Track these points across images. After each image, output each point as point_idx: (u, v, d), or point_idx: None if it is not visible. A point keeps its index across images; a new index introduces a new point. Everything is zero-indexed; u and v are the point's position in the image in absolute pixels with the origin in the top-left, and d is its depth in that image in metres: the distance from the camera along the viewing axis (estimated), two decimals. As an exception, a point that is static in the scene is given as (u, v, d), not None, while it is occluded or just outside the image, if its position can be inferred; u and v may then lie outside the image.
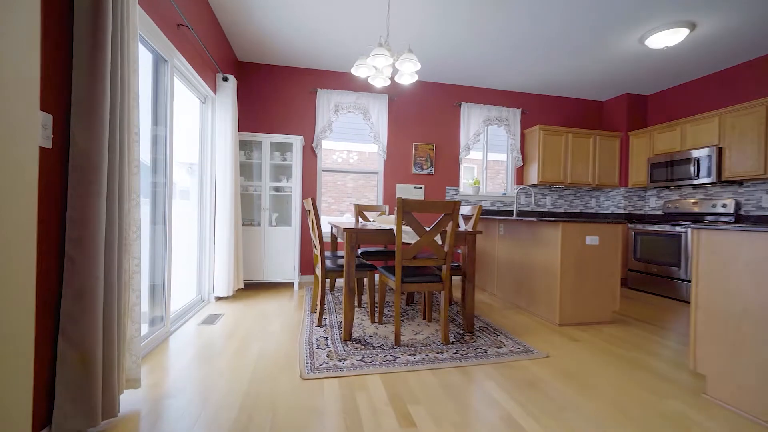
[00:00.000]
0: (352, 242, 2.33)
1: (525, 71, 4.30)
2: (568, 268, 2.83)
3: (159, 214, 2.34)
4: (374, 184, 4.61)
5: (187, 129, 3.18)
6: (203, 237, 3.24)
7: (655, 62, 3.94)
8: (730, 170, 3.68)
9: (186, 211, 3.22)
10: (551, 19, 3.16)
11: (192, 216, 3.23)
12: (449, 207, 2.27)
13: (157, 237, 2.34)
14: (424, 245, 2.28)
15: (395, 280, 2.28)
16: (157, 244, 2.34)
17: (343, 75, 4.37)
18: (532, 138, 4.81)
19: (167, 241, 2.35)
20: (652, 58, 3.84)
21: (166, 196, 2.35)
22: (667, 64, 3.97)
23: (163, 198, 2.35)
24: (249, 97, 4.13)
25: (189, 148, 3.25)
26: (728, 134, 3.70)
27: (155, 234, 2.33)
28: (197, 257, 3.22)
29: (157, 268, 2.35)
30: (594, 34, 3.39)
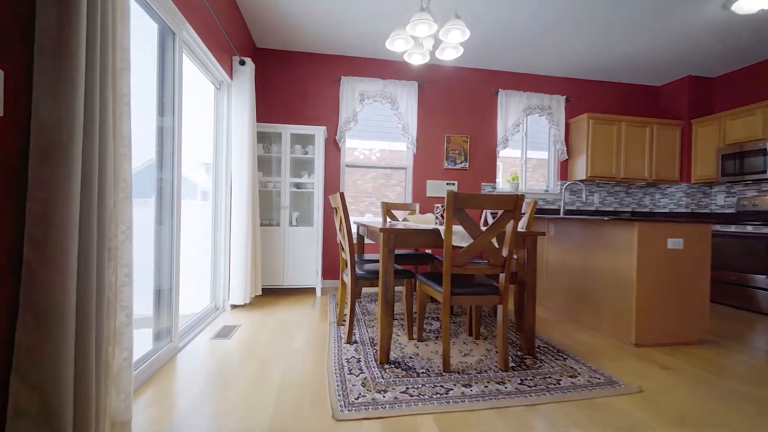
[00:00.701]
0: (389, 244, 1.93)
1: (571, 53, 3.80)
2: (646, 276, 2.34)
3: (165, 214, 2.02)
4: (395, 183, 4.20)
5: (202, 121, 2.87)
6: (218, 239, 2.93)
7: (737, 34, 3.35)
8: (832, 160, 3.08)
9: (201, 212, 2.91)
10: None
11: (206, 216, 2.92)
12: (510, 202, 1.84)
13: (164, 239, 2.02)
14: (479, 249, 1.86)
15: (442, 292, 1.87)
16: (163, 247, 2.01)
17: (369, 61, 4.00)
18: (578, 128, 4.29)
19: (174, 244, 2.02)
20: (735, 29, 3.26)
21: (174, 194, 2.03)
22: (753, 35, 3.38)
23: (170, 195, 2.02)
24: (267, 85, 3.81)
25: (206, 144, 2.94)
26: (830, 117, 3.10)
27: (161, 236, 2.01)
28: (211, 261, 2.91)
29: (164, 274, 2.02)
30: (661, 2, 2.88)
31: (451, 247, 1.84)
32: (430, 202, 4.14)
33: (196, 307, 2.69)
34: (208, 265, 2.91)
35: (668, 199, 4.55)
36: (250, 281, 2.98)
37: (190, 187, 2.82)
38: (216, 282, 2.92)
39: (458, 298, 1.90)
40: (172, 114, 2.02)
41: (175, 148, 2.03)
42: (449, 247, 1.83)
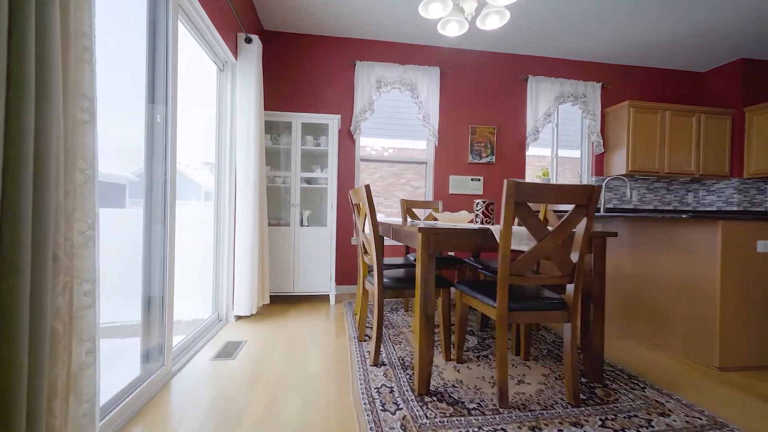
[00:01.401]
0: (430, 248, 1.56)
1: (609, 34, 3.40)
2: (732, 286, 1.95)
3: (156, 213, 1.67)
4: (404, 182, 3.83)
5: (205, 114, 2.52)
6: (221, 241, 2.58)
7: None
8: None
9: (204, 213, 2.56)
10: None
11: (208, 217, 2.57)
12: (584, 194, 1.46)
13: (155, 243, 1.67)
14: (544, 254, 1.49)
15: (497, 307, 1.49)
16: (154, 252, 1.66)
17: (387, 45, 3.63)
18: (616, 118, 3.89)
19: (168, 249, 1.67)
20: None
21: (166, 191, 1.68)
22: None
23: (162, 192, 1.67)
24: (275, 71, 3.46)
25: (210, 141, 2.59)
26: None
27: (152, 239, 1.66)
28: (213, 267, 2.56)
29: (154, 284, 1.67)
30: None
31: (510, 251, 1.47)
32: (453, 200, 3.76)
33: (196, 318, 2.34)
34: (210, 272, 2.56)
35: (715, 196, 4.12)
36: (256, 289, 2.62)
37: (192, 188, 2.48)
38: (219, 290, 2.57)
39: (517, 314, 1.52)
40: (164, 92, 1.68)
41: (168, 138, 1.68)
42: (507, 251, 1.45)
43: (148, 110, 1.63)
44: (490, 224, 1.99)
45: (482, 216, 2.04)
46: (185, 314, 2.29)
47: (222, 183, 2.59)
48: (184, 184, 2.35)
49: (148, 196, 1.63)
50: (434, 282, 1.59)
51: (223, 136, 2.60)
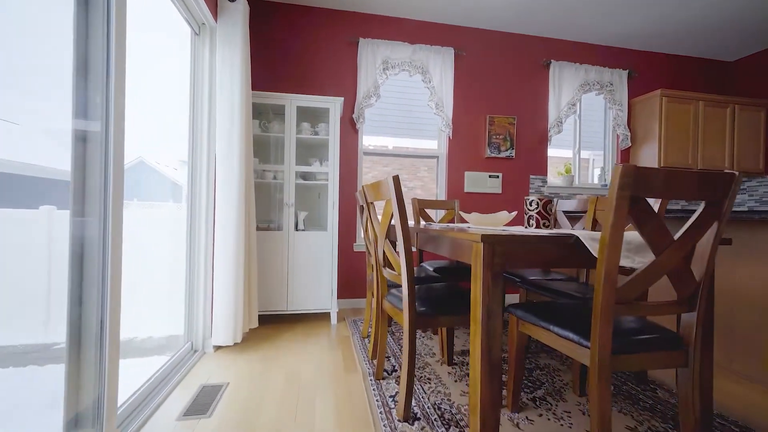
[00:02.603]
0: (495, 265, 1.09)
1: (636, 15, 3.04)
2: None
3: (91, 211, 1.14)
4: (404, 179, 3.36)
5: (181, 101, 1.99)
6: (195, 252, 2.04)
7: None
8: None
9: (178, 216, 2.02)
10: None
11: (179, 219, 2.03)
12: (723, 187, 1.02)
13: (90, 251, 1.14)
14: (664, 272, 1.03)
15: (593, 350, 1.03)
16: (89, 264, 1.13)
17: (394, 21, 3.16)
18: (646, 108, 3.52)
19: (107, 261, 1.14)
20: None
21: (108, 185, 1.15)
22: None
23: (99, 187, 1.15)
24: (266, 44, 2.94)
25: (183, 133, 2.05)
26: None
27: (84, 246, 1.13)
28: (186, 285, 2.02)
29: (89, 310, 1.14)
30: None
31: (617, 268, 1.01)
32: (469, 199, 3.31)
33: (157, 354, 1.79)
34: (181, 291, 2.02)
35: (747, 195, 3.81)
36: (242, 310, 2.10)
37: (166, 186, 1.94)
38: (193, 313, 2.04)
39: (623, 359, 1.06)
40: (103, 56, 1.15)
41: (110, 121, 1.16)
42: (613, 268, 0.99)
43: (78, 84, 1.11)
44: (549, 228, 1.54)
45: (537, 218, 1.58)
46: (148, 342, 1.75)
47: (197, 179, 2.06)
48: (156, 183, 1.82)
49: (77, 194, 1.10)
50: (501, 313, 1.12)
51: (198, 120, 2.07)
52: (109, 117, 1.17)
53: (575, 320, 1.19)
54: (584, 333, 1.10)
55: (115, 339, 1.18)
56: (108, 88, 1.16)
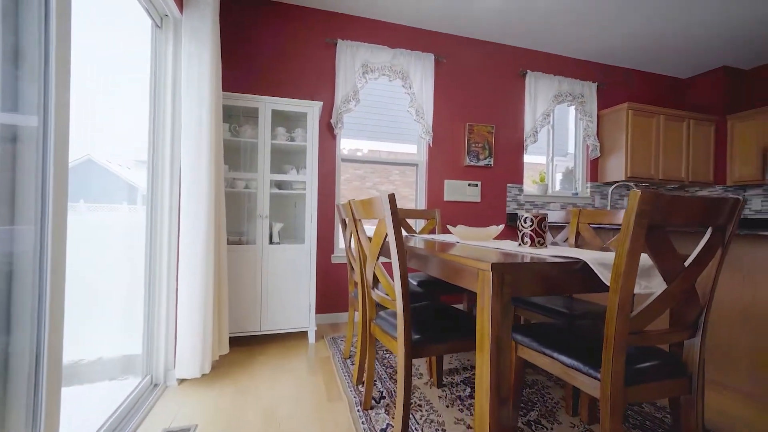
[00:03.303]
0: (504, 294, 1.01)
1: (604, 30, 3.16)
2: (814, 315, 1.65)
3: (24, 222, 0.92)
4: (377, 183, 3.28)
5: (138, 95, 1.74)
6: (157, 270, 1.81)
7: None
8: None
9: (127, 220, 1.77)
10: None
11: (136, 225, 1.79)
12: (724, 211, 1.01)
13: (19, 271, 0.92)
14: (676, 299, 1.01)
15: (605, 381, 0.98)
16: (17, 286, 0.92)
17: (374, 24, 3.06)
18: (612, 120, 3.68)
19: (45, 279, 0.93)
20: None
21: (47, 186, 0.94)
22: None
23: (35, 190, 0.93)
24: (237, 42, 2.71)
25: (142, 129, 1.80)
26: None
27: (16, 265, 0.91)
28: (145, 307, 1.78)
29: (18, 339, 0.92)
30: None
31: (631, 298, 0.96)
32: (449, 208, 3.27)
33: (105, 394, 1.55)
34: (138, 313, 1.78)
35: (699, 203, 4.09)
36: (210, 336, 1.88)
37: (119, 187, 1.70)
38: (153, 341, 1.80)
39: (635, 390, 1.02)
40: (40, 21, 0.94)
41: (50, 114, 0.95)
42: (627, 297, 0.95)
43: (5, 74, 0.89)
44: (544, 247, 1.50)
45: (532, 235, 1.53)
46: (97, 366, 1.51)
47: (159, 186, 1.82)
48: (107, 184, 1.57)
49: (2, 199, 0.89)
50: (510, 345, 1.04)
51: (160, 121, 1.83)
52: (49, 111, 0.96)
53: (581, 347, 1.14)
54: (593, 362, 1.05)
55: (55, 375, 0.96)
56: (47, 79, 0.95)
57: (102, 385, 1.50)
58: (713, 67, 3.92)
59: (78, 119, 1.09)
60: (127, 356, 1.73)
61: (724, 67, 3.86)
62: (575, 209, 2.14)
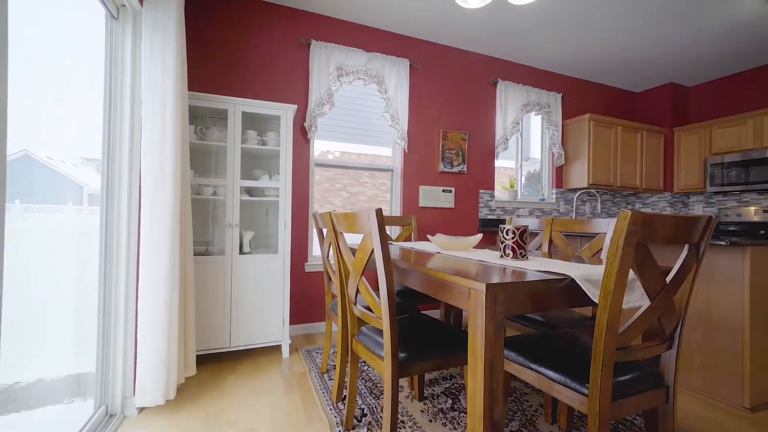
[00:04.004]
0: (497, 314, 0.99)
1: (569, 45, 3.33)
2: (759, 317, 1.81)
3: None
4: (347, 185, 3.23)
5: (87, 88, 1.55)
6: (112, 281, 1.63)
7: (734, 39, 3.17)
8: (833, 171, 3.05)
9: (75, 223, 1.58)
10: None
11: (90, 234, 1.60)
12: (699, 229, 1.06)
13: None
14: (658, 314, 1.04)
15: (593, 398, 0.99)
16: None
17: (349, 26, 2.98)
18: (576, 130, 3.87)
19: None
20: (733, 35, 3.06)
21: None
22: (737, 44, 3.25)
23: None
24: (203, 42, 2.53)
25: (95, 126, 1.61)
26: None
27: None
28: (99, 326, 1.59)
29: None
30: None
31: (620, 315, 0.98)
32: (424, 214, 3.27)
33: (58, 415, 1.37)
34: (91, 332, 1.59)
35: (650, 208, 4.43)
36: (176, 357, 1.73)
37: (65, 187, 1.51)
38: (108, 364, 1.61)
39: (621, 404, 1.04)
40: None
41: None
42: (616, 315, 0.97)
43: None
44: (525, 258, 1.52)
45: (514, 247, 1.54)
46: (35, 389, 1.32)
47: (115, 195, 1.64)
48: (49, 182, 1.39)
49: None
50: (503, 365, 1.02)
51: (116, 120, 1.65)
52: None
53: (566, 360, 1.16)
54: (580, 378, 1.06)
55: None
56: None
57: (46, 412, 1.31)
58: (662, 83, 4.26)
59: (15, 112, 0.93)
60: (76, 376, 1.54)
61: (672, 83, 4.20)
62: (548, 218, 2.20)
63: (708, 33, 3.11)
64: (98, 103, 1.61)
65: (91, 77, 1.59)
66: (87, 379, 1.58)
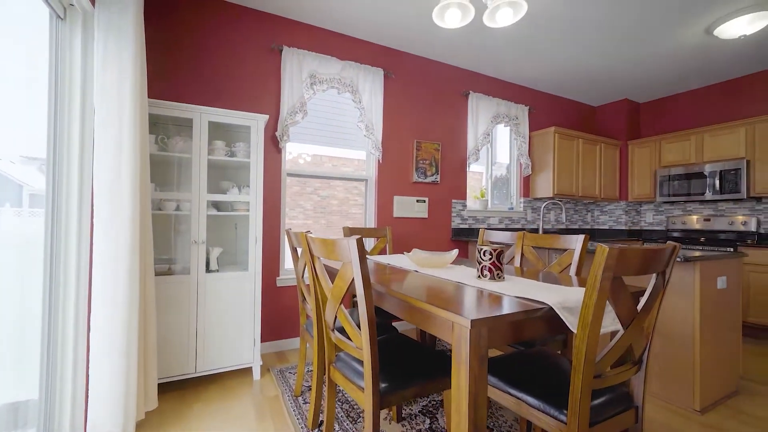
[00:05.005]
0: (481, 348, 0.99)
1: (535, 60, 3.47)
2: (706, 326, 1.96)
3: None
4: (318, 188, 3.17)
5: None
6: (60, 305, 1.46)
7: (708, 56, 3.37)
8: (763, 185, 3.40)
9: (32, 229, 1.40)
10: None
11: (35, 255, 1.43)
12: (664, 258, 1.12)
13: None
14: (631, 339, 1.09)
15: (568, 426, 1.02)
16: None
17: (323, 33, 2.91)
18: (541, 142, 4.04)
19: None
20: (711, 51, 3.28)
21: None
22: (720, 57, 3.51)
23: None
24: (167, 46, 2.35)
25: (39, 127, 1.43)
26: (759, 146, 3.42)
27: None
28: (43, 352, 1.42)
29: None
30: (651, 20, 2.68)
31: (597, 345, 1.01)
32: (398, 225, 3.26)
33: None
34: (35, 360, 1.42)
35: (607, 216, 4.72)
36: (135, 388, 1.58)
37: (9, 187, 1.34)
38: (53, 401, 1.45)
39: (597, 429, 1.08)
40: None
41: None
42: (594, 345, 1.00)
43: None
44: (502, 279, 1.54)
45: (491, 268, 1.56)
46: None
47: (63, 212, 1.48)
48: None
49: None
50: (487, 400, 1.02)
51: (63, 134, 1.48)
52: None
53: (543, 385, 1.18)
54: (558, 404, 1.09)
55: None
56: None
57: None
58: (618, 99, 4.55)
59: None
60: (13, 405, 1.36)
61: (626, 99, 4.50)
62: (520, 233, 2.27)
63: (656, 56, 3.36)
64: (41, 105, 1.44)
65: (35, 78, 1.42)
66: (27, 408, 1.41)
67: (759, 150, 3.42)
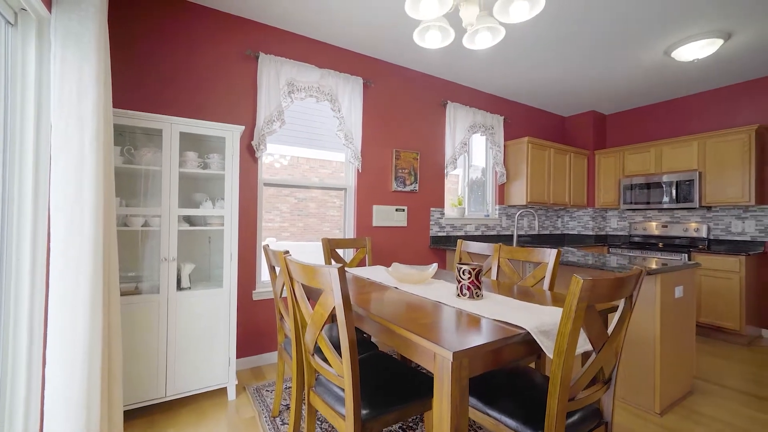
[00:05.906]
0: (462, 378, 1.01)
1: (515, 73, 3.58)
2: (666, 333, 2.10)
3: None
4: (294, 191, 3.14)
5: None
6: (9, 338, 1.35)
7: (665, 75, 3.62)
8: (712, 196, 3.67)
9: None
10: (570, 19, 2.43)
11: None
12: (631, 284, 1.18)
13: None
14: (602, 362, 1.14)
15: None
16: None
17: (300, 40, 2.85)
18: (515, 151, 4.16)
19: None
20: (668, 71, 3.50)
21: None
22: (679, 76, 3.76)
23: None
24: (134, 52, 2.22)
25: None
26: (709, 159, 3.69)
27: None
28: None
29: None
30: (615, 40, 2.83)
31: (572, 370, 1.05)
32: (378, 234, 3.26)
33: None
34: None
35: (576, 222, 4.94)
36: (95, 416, 1.49)
37: None
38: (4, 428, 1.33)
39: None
40: None
41: None
42: (569, 371, 1.04)
43: None
44: (480, 298, 1.58)
45: (470, 287, 1.59)
46: None
47: (14, 229, 1.36)
48: None
49: None
50: (467, 425, 1.04)
51: (14, 153, 1.37)
52: None
53: (521, 405, 1.22)
54: (534, 425, 1.12)
55: None
56: None
57: None
58: (585, 110, 4.77)
59: None
60: None
61: (593, 111, 4.73)
62: (497, 245, 2.32)
63: (619, 72, 3.55)
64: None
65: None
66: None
67: (709, 163, 3.69)
